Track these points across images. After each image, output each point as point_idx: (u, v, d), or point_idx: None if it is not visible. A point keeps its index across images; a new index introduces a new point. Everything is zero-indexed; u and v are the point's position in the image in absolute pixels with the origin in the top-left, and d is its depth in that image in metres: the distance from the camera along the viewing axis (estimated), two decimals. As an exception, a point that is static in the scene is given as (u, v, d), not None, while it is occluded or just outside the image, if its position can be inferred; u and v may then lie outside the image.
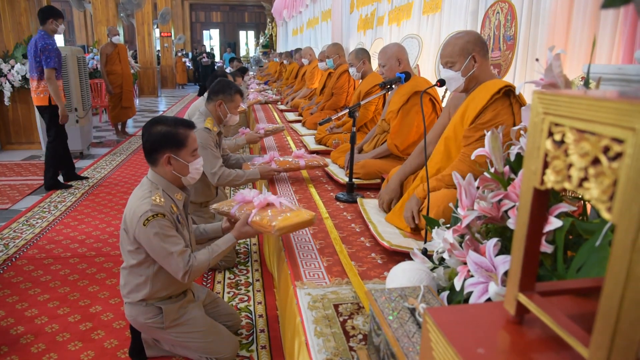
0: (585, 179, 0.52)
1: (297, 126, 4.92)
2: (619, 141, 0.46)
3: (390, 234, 1.99)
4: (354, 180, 2.61)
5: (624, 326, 0.47)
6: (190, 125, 1.94)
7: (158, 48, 15.85)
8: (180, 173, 1.90)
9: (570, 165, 0.54)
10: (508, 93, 1.85)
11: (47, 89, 4.28)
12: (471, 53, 1.92)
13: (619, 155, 0.47)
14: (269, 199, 1.99)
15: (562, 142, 0.55)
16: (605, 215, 0.49)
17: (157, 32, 14.37)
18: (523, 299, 0.66)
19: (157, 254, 1.79)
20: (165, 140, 1.86)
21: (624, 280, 0.46)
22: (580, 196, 1.15)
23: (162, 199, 1.82)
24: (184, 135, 1.89)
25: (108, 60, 7.11)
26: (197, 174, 1.95)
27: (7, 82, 5.94)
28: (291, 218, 1.87)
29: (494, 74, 2.02)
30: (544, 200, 0.62)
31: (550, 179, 0.57)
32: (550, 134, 0.57)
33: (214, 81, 3.89)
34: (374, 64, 4.20)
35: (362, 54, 3.73)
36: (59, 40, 19.93)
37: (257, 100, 6.22)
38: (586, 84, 1.11)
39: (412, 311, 0.99)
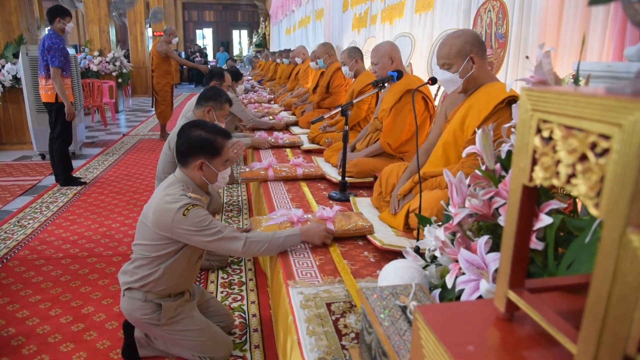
0: (573, 175, 0.52)
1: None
2: (606, 137, 0.46)
3: (383, 233, 1.99)
4: (346, 178, 2.61)
5: (611, 322, 0.47)
6: (228, 135, 1.97)
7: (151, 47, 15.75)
8: (208, 180, 1.93)
9: (558, 162, 0.54)
10: (511, 102, 1.80)
11: (54, 86, 4.42)
12: (469, 54, 1.86)
13: (606, 152, 0.47)
14: (331, 211, 2.07)
15: (550, 138, 0.55)
16: (593, 211, 0.49)
17: (149, 32, 14.30)
18: (513, 296, 0.66)
19: (205, 239, 1.79)
20: (203, 146, 1.89)
21: (611, 276, 0.46)
22: (570, 193, 1.16)
23: (197, 196, 1.86)
24: (222, 144, 1.92)
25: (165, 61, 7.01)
26: (223, 182, 1.99)
27: (-1, 84, 5.90)
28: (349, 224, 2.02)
29: (492, 74, 1.99)
30: (533, 196, 0.62)
31: (539, 176, 0.57)
32: (539, 131, 0.57)
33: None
34: (367, 63, 4.20)
35: (355, 53, 3.73)
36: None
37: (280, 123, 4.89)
38: (576, 81, 1.12)
39: (404, 309, 0.99)
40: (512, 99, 1.78)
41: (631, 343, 0.46)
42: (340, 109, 2.49)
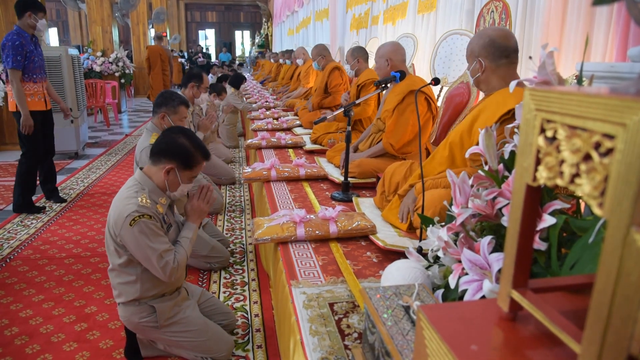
0: (577, 175, 0.52)
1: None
2: (610, 137, 0.47)
3: (386, 233, 1.99)
4: (349, 179, 2.61)
5: (615, 321, 0.47)
6: (207, 156, 1.99)
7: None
8: (169, 186, 1.92)
9: (562, 162, 0.54)
10: None
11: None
12: (477, 57, 1.88)
13: (610, 151, 0.47)
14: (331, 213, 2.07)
15: (554, 138, 0.55)
16: (597, 211, 0.49)
17: (152, 32, 14.34)
18: (516, 295, 0.66)
19: (143, 254, 1.79)
20: (181, 153, 1.90)
21: (615, 275, 0.46)
22: (574, 194, 1.16)
23: (148, 201, 1.83)
24: (198, 161, 1.94)
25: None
26: (181, 194, 1.98)
27: (0, 82, 5.90)
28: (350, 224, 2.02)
29: (508, 79, 1.83)
30: (536, 196, 0.63)
31: (543, 176, 0.57)
32: (543, 131, 0.57)
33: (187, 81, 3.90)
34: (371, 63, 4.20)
35: (358, 52, 3.74)
36: (53, 39, 19.95)
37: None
38: (579, 81, 1.12)
39: (407, 309, 1.00)
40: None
41: (635, 342, 0.46)
42: (342, 109, 2.49)
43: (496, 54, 1.85)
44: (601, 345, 0.49)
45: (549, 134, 0.56)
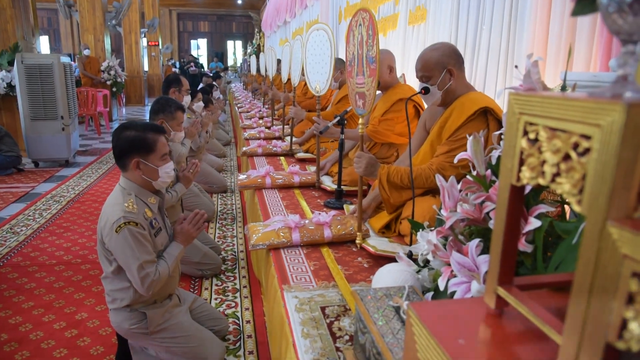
0: (557, 174, 0.55)
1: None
2: (587, 137, 0.50)
3: (377, 240, 2.02)
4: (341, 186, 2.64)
5: (593, 312, 0.50)
6: (159, 129, 1.96)
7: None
8: (150, 177, 1.91)
9: (543, 162, 0.57)
10: (485, 112, 1.85)
11: None
12: (446, 66, 1.90)
13: (587, 151, 0.50)
14: (325, 218, 2.08)
15: (536, 140, 0.58)
16: (576, 207, 0.52)
17: (144, 41, 14.35)
18: (502, 292, 0.69)
19: (126, 261, 1.78)
20: (133, 145, 1.88)
21: (593, 268, 0.49)
22: (559, 199, 1.20)
23: (135, 206, 1.82)
24: (153, 139, 1.91)
25: None
26: (167, 177, 1.96)
27: None
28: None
29: (470, 85, 2.03)
30: (520, 196, 0.66)
31: (526, 176, 0.60)
32: (525, 133, 0.60)
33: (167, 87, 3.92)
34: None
35: (339, 64, 3.78)
36: (44, 47, 19.87)
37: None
38: (563, 89, 1.16)
39: (397, 309, 1.02)
40: (485, 109, 1.83)
41: (612, 331, 0.49)
42: (338, 118, 2.52)
43: (459, 60, 1.93)
44: (581, 334, 0.51)
45: (532, 136, 0.59)
